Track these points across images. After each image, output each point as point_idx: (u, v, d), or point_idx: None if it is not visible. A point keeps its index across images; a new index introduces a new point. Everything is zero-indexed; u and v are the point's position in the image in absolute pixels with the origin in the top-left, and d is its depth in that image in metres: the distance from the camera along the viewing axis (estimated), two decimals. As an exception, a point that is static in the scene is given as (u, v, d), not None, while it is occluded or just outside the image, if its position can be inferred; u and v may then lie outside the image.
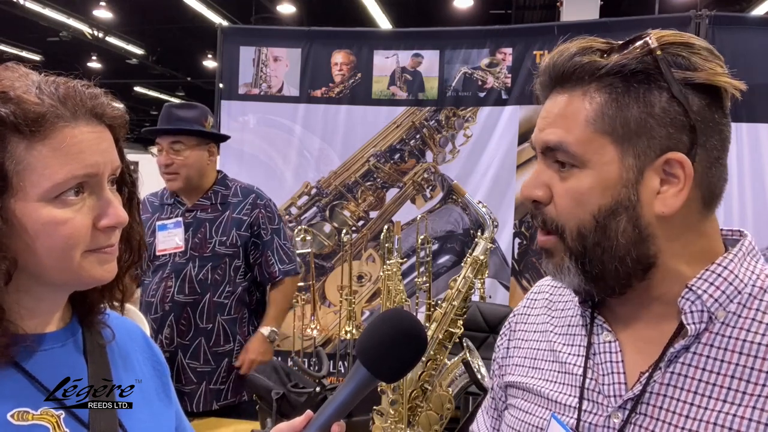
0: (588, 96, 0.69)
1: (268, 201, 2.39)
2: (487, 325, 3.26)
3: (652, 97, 0.66)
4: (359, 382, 0.73)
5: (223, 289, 2.27)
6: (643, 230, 0.68)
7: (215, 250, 2.25)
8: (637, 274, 0.69)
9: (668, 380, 0.68)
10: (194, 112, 2.28)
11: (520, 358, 0.87)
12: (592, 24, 4.08)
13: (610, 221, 0.68)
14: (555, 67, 0.71)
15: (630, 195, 0.67)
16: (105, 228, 0.71)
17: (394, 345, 0.73)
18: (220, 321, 2.28)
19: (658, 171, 0.67)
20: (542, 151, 0.73)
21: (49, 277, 0.71)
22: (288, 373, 2.11)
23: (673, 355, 0.68)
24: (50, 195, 0.67)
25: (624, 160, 0.67)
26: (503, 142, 3.62)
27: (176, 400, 0.93)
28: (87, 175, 0.68)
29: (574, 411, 0.74)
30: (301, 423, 0.77)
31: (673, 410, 0.67)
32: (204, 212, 2.29)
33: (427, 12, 9.59)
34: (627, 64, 0.67)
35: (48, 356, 0.73)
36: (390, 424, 1.60)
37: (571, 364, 0.77)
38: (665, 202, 0.67)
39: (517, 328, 0.91)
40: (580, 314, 0.79)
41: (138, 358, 0.88)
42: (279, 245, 2.36)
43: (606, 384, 0.72)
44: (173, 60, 13.20)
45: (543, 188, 0.72)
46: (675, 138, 0.66)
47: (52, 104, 0.67)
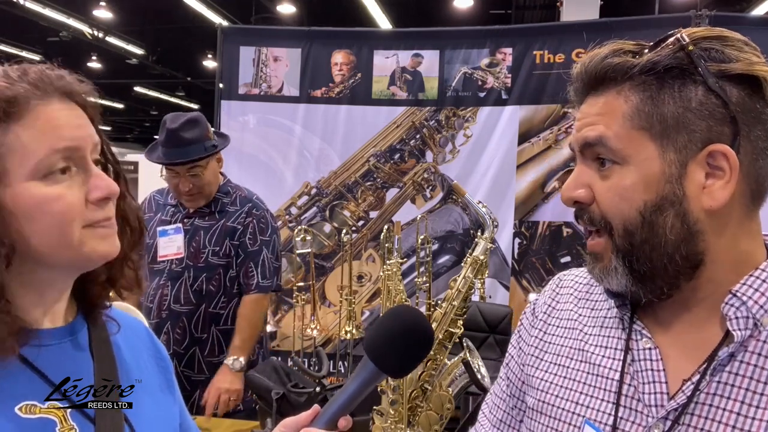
0: (623, 95, 0.68)
1: (264, 213, 2.32)
2: (487, 325, 3.26)
3: (688, 92, 0.66)
4: (366, 376, 0.74)
5: (218, 300, 2.24)
6: (692, 226, 0.67)
7: (209, 261, 2.21)
8: (686, 273, 0.68)
9: (714, 389, 0.66)
10: (198, 129, 2.19)
11: (543, 352, 0.84)
12: (592, 24, 4.08)
13: (656, 217, 0.67)
14: (587, 72, 0.71)
15: (675, 190, 0.67)
16: (98, 200, 0.71)
17: (401, 340, 0.74)
18: (215, 331, 2.24)
19: (702, 165, 0.66)
20: (581, 150, 0.72)
21: (52, 259, 0.71)
22: (288, 373, 2.11)
23: (717, 363, 0.66)
24: (36, 174, 0.67)
25: (665, 156, 0.67)
26: (503, 142, 3.62)
27: (180, 396, 0.94)
28: (67, 148, 0.69)
29: (607, 417, 0.72)
30: (308, 417, 0.78)
31: (719, 420, 0.65)
32: (201, 219, 2.26)
33: (427, 12, 9.59)
34: (659, 61, 0.66)
35: (54, 351, 0.74)
36: (390, 424, 1.60)
37: (606, 367, 0.75)
38: (712, 195, 0.66)
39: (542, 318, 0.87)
40: (617, 316, 0.77)
41: (142, 354, 0.88)
42: (266, 259, 2.28)
43: (646, 393, 0.70)
44: (173, 60, 13.20)
45: (584, 188, 0.72)
46: (716, 130, 0.65)
47: (22, 86, 0.68)
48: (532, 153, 3.60)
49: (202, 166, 2.19)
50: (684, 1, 7.84)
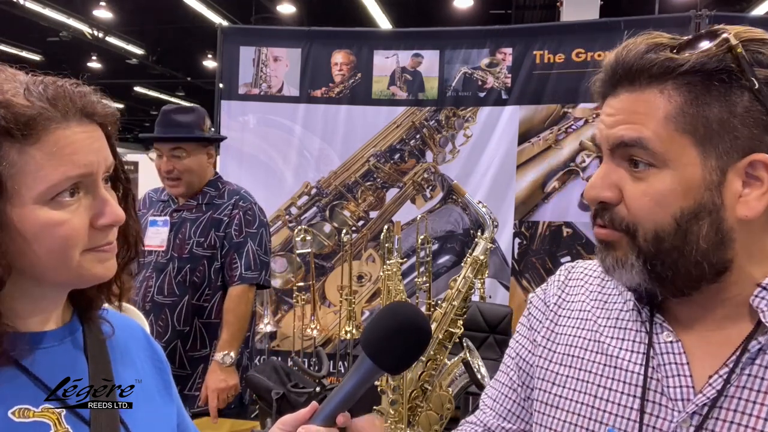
0: (666, 94, 0.65)
1: (251, 204, 2.30)
2: (487, 325, 3.26)
3: (734, 96, 0.63)
4: (364, 373, 0.74)
5: (202, 292, 2.22)
6: (725, 235, 0.65)
7: (193, 252, 2.21)
8: (709, 278, 0.67)
9: (744, 383, 0.65)
10: (192, 116, 2.26)
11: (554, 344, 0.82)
12: (592, 24, 4.08)
13: (692, 225, 0.65)
14: (625, 64, 0.67)
15: (714, 198, 0.64)
16: (102, 227, 0.71)
17: (397, 336, 0.74)
18: (198, 324, 2.22)
19: (740, 173, 0.64)
20: (612, 149, 0.69)
21: (49, 278, 0.71)
22: (288, 373, 2.11)
23: (747, 357, 0.65)
24: (45, 197, 0.67)
25: (706, 162, 0.64)
26: (503, 142, 3.62)
27: (178, 397, 0.94)
28: (81, 175, 0.68)
29: (633, 413, 0.71)
30: (306, 414, 0.78)
31: (749, 413, 0.64)
32: (189, 212, 2.27)
33: (427, 12, 9.58)
34: (707, 63, 0.64)
35: (48, 354, 0.74)
36: (390, 424, 1.60)
37: (626, 360, 0.73)
38: (748, 205, 0.64)
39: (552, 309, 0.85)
40: (633, 309, 0.75)
41: (139, 355, 0.88)
42: (251, 250, 2.24)
43: (671, 386, 0.69)
44: (173, 60, 13.20)
45: (613, 189, 0.69)
46: (758, 138, 0.64)
47: (42, 106, 0.66)
48: (532, 153, 3.60)
49: (186, 150, 2.21)
50: (684, 1, 7.84)
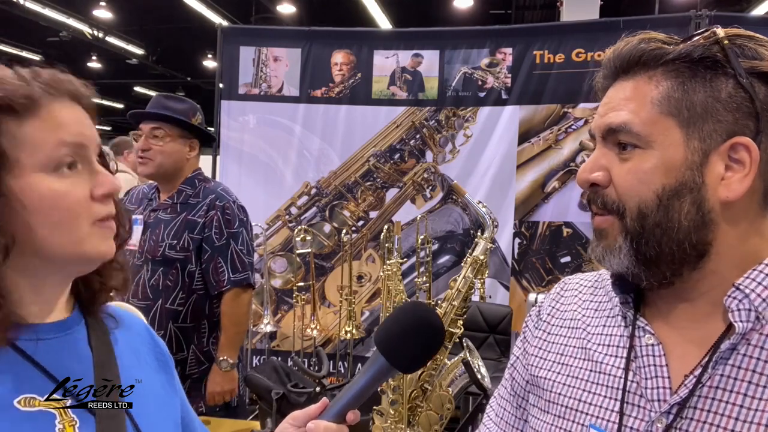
0: (654, 80, 0.70)
1: (229, 203, 2.19)
2: (487, 325, 3.27)
3: (719, 83, 0.67)
4: (377, 370, 0.75)
5: (176, 295, 2.13)
6: (706, 214, 0.68)
7: (165, 254, 2.12)
8: (691, 261, 0.69)
9: (716, 383, 0.67)
10: (183, 105, 2.22)
11: (546, 352, 0.85)
12: (592, 24, 4.08)
13: (673, 201, 0.68)
14: (620, 56, 0.72)
15: (695, 177, 0.68)
16: (102, 197, 0.74)
17: (412, 336, 0.75)
18: (173, 329, 2.14)
19: (723, 156, 0.67)
20: (603, 135, 0.73)
21: (54, 255, 0.72)
22: (288, 373, 2.12)
23: (719, 356, 0.67)
24: (46, 167, 0.70)
25: (689, 143, 0.68)
26: (503, 142, 3.62)
27: (181, 391, 0.95)
28: (76, 144, 0.72)
29: (613, 414, 0.73)
30: (317, 410, 0.79)
31: (721, 413, 0.65)
32: (164, 212, 2.18)
33: (427, 12, 9.59)
34: (694, 51, 0.68)
35: (53, 345, 0.75)
36: (390, 424, 1.60)
37: (609, 365, 0.76)
38: (730, 187, 0.67)
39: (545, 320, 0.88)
40: (620, 314, 0.78)
41: (142, 350, 0.89)
42: (234, 251, 2.16)
43: (649, 388, 0.71)
44: (173, 60, 13.20)
45: (602, 171, 0.72)
46: (741, 123, 0.67)
47: (38, 85, 0.72)
48: (532, 153, 3.60)
49: (166, 133, 2.15)
50: (684, 1, 7.85)
